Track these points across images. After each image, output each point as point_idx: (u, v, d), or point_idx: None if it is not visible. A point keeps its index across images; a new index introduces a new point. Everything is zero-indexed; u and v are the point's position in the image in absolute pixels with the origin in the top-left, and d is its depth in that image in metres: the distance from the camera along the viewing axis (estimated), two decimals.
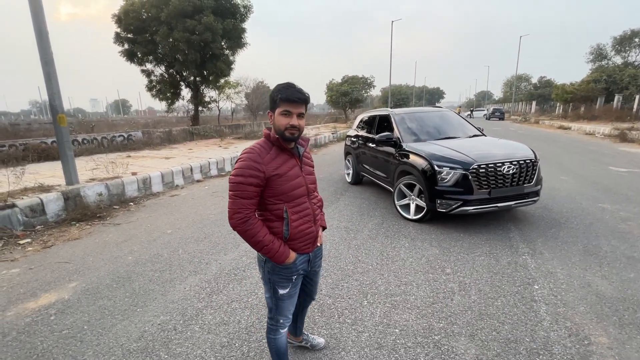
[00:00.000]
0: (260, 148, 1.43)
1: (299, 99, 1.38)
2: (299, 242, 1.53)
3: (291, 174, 1.46)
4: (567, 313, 2.37)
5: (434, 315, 2.39)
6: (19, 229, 4.51)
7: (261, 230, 1.41)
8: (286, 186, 1.44)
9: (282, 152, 1.47)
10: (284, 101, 1.38)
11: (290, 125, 1.39)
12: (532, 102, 44.96)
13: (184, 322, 2.43)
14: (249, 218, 1.38)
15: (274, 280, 1.54)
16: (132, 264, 3.44)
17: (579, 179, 6.64)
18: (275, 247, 1.43)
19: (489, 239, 3.76)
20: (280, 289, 1.55)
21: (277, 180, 1.41)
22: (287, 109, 1.39)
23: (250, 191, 1.37)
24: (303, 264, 1.59)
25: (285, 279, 1.54)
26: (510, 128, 22.38)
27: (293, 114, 1.39)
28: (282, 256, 1.45)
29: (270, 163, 1.40)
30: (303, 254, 1.57)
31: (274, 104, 1.42)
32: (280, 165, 1.43)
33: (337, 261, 3.33)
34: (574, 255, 3.28)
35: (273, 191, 1.43)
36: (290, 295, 1.58)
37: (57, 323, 2.48)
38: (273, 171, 1.40)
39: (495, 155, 4.00)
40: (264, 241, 1.41)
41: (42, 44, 5.14)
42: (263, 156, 1.40)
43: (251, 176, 1.36)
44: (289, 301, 1.59)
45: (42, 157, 8.27)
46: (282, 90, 1.39)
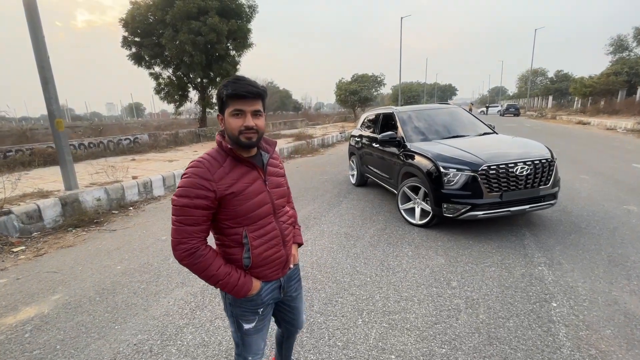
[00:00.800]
0: (210, 160, 1.15)
1: (250, 93, 1.10)
2: (265, 270, 1.27)
3: (251, 190, 1.18)
4: (591, 337, 2.06)
5: (436, 339, 2.12)
6: (14, 235, 4.45)
7: (214, 262, 1.15)
8: (244, 206, 1.17)
9: (239, 164, 1.18)
10: (232, 98, 1.10)
11: (244, 127, 1.12)
12: (549, 96, 43.46)
13: (161, 342, 2.24)
14: (197, 249, 1.13)
15: (236, 313, 1.29)
16: (120, 274, 3.29)
17: (601, 177, 6.18)
18: (232, 280, 1.17)
19: (501, 246, 3.45)
20: (245, 324, 1.29)
21: (233, 200, 1.14)
22: (238, 107, 1.11)
23: (197, 216, 1.11)
24: (272, 293, 1.32)
25: (249, 311, 1.28)
26: (525, 124, 21.60)
27: (246, 113, 1.12)
28: (242, 290, 1.20)
29: (222, 179, 1.13)
30: (271, 281, 1.31)
31: (222, 103, 1.14)
32: (236, 181, 1.15)
33: (333, 272, 3.09)
34: (597, 266, 2.94)
35: (228, 214, 1.16)
36: (257, 329, 1.32)
37: (30, 342, 2.33)
38: (226, 189, 1.13)
39: (507, 154, 3.67)
40: (217, 275, 1.15)
41: (38, 49, 5.09)
42: (213, 171, 1.12)
43: (198, 197, 1.10)
44: (257, 336, 1.33)
45: (48, 161, 8.32)
46: (228, 86, 1.11)
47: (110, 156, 9.96)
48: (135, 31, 14.03)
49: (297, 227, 1.52)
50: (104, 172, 6.67)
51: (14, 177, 5.27)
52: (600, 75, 28.25)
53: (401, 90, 38.18)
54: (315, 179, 7.28)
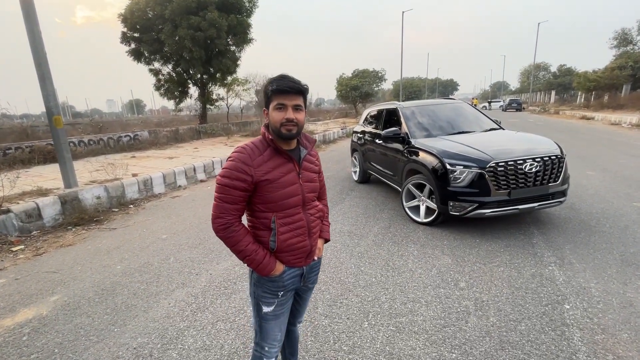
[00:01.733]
0: (252, 148, 1.27)
1: (292, 89, 1.22)
2: (289, 256, 1.34)
3: (284, 180, 1.28)
4: (607, 342, 1.98)
5: (445, 343, 2.04)
6: (13, 234, 4.39)
7: (244, 239, 1.27)
8: (276, 194, 1.26)
9: (278, 155, 1.29)
10: (276, 93, 1.22)
11: (285, 120, 1.22)
12: (552, 91, 43.12)
13: (162, 345, 2.18)
14: (231, 224, 1.25)
15: (258, 294, 1.37)
16: (120, 274, 3.23)
17: (608, 174, 6.08)
18: (258, 257, 1.28)
19: (509, 245, 3.36)
20: (264, 306, 1.36)
21: (267, 187, 1.25)
22: (281, 101, 1.22)
23: (235, 195, 1.23)
24: (293, 279, 1.39)
25: (270, 293, 1.36)
26: (528, 119, 21.42)
27: (288, 107, 1.22)
28: (267, 268, 1.29)
29: (260, 166, 1.24)
30: (294, 268, 1.38)
31: (267, 99, 1.26)
32: (272, 170, 1.26)
33: (337, 272, 3.01)
34: (609, 266, 2.86)
35: (261, 198, 1.27)
36: (275, 315, 1.38)
37: (27, 345, 2.27)
38: (263, 176, 1.24)
39: (515, 151, 3.58)
40: (246, 250, 1.27)
41: (34, 45, 4.99)
42: (254, 157, 1.25)
43: (238, 179, 1.22)
44: (274, 323, 1.39)
45: (48, 159, 8.25)
46: (273, 82, 1.23)
47: (110, 153, 9.89)
48: (134, 27, 13.88)
49: (327, 223, 1.57)
50: (103, 169, 6.60)
51: (13, 175, 5.19)
52: (605, 69, 27.94)
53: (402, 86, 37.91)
54: None
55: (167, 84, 15.83)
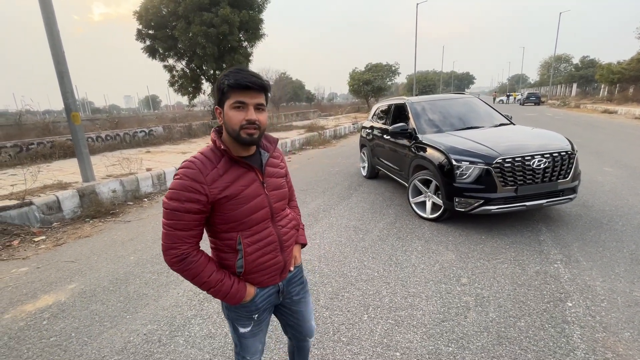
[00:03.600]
0: (203, 160, 1.07)
1: (254, 84, 1.02)
2: (260, 276, 1.20)
3: (247, 194, 1.10)
4: (608, 340, 1.97)
5: (443, 337, 2.07)
6: (36, 226, 4.64)
7: (205, 269, 1.09)
8: (239, 211, 1.10)
9: (235, 165, 1.10)
10: (234, 89, 1.02)
11: (246, 122, 1.03)
12: (573, 84, 41.51)
13: (170, 332, 2.29)
14: (187, 255, 1.07)
15: (232, 317, 1.25)
16: (133, 264, 3.38)
17: (627, 170, 5.87)
18: (224, 288, 1.12)
19: (515, 242, 3.33)
20: (240, 328, 1.25)
21: (227, 205, 1.08)
22: (240, 99, 1.03)
23: (188, 220, 1.05)
24: (269, 298, 1.26)
25: (244, 317, 1.23)
26: (546, 113, 20.75)
27: (249, 106, 1.04)
28: (235, 297, 1.14)
29: (216, 181, 1.06)
30: (267, 287, 1.24)
31: (222, 95, 1.06)
32: (230, 184, 1.08)
33: (340, 266, 3.07)
34: (618, 265, 2.80)
35: (222, 218, 1.10)
36: (253, 333, 1.27)
37: (47, 329, 2.42)
38: (220, 193, 1.06)
39: (523, 147, 3.52)
40: (209, 282, 1.10)
41: (53, 43, 5.19)
42: (206, 172, 1.05)
43: (189, 201, 1.03)
44: (253, 339, 1.29)
45: (68, 153, 8.59)
46: (229, 76, 1.02)
47: (126, 148, 10.20)
48: (149, 24, 14.15)
49: (301, 226, 1.44)
50: (119, 164, 6.84)
51: (35, 170, 5.46)
52: (630, 60, 26.66)
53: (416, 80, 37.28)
54: (326, 171, 7.23)
55: (181, 80, 16.09)
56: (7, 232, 4.34)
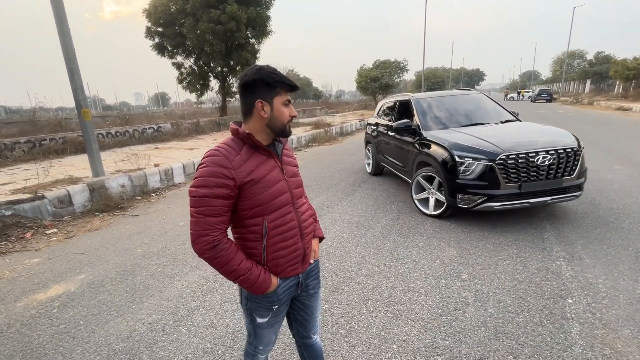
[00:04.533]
0: (227, 148, 1.12)
1: (297, 87, 1.17)
2: (283, 263, 1.23)
3: (270, 178, 1.16)
4: (607, 337, 1.96)
5: (440, 331, 2.09)
6: (48, 219, 4.78)
7: (236, 257, 1.12)
8: (264, 195, 1.14)
9: (256, 152, 1.16)
10: (285, 88, 1.14)
11: (291, 117, 1.18)
12: (587, 81, 40.52)
13: (173, 322, 2.36)
14: (219, 242, 1.09)
15: (251, 307, 1.28)
16: (140, 257, 3.47)
17: (638, 168, 5.75)
18: (253, 277, 1.15)
19: (518, 239, 3.31)
20: (258, 318, 1.28)
21: (253, 188, 1.12)
22: (288, 98, 1.16)
23: (218, 206, 1.08)
24: (289, 289, 1.29)
25: (264, 307, 1.26)
26: (558, 111, 20.34)
27: (290, 104, 1.19)
28: (262, 287, 1.17)
29: (242, 166, 1.10)
30: (289, 277, 1.27)
31: (272, 90, 1.13)
32: (255, 168, 1.13)
33: (341, 261, 3.10)
34: (622, 263, 2.77)
35: (248, 202, 1.13)
36: (270, 324, 1.31)
37: (57, 317, 2.52)
38: (246, 177, 1.10)
39: (528, 143, 3.48)
40: (239, 270, 1.12)
41: (64, 40, 5.30)
42: (232, 158, 1.10)
43: (218, 186, 1.06)
44: (269, 330, 1.33)
45: (79, 149, 8.78)
46: (276, 75, 1.12)
47: (135, 144, 10.37)
48: (158, 21, 14.32)
49: (317, 221, 1.47)
50: (128, 160, 6.97)
51: (47, 165, 5.61)
52: None
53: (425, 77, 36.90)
54: (332, 168, 7.25)
55: (189, 77, 16.27)
56: (21, 224, 4.48)
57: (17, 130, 11.94)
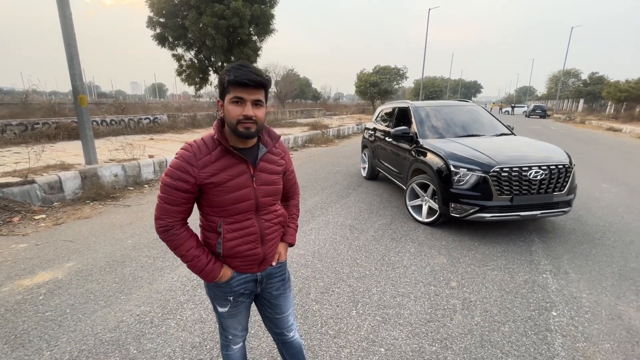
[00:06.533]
0: (200, 145, 1.15)
1: (253, 82, 1.06)
2: (237, 262, 1.26)
3: (233, 184, 1.15)
4: (588, 350, 2.01)
5: (428, 336, 2.13)
6: (37, 204, 4.70)
7: (185, 243, 1.18)
8: (223, 198, 1.16)
9: (228, 155, 1.16)
10: (234, 85, 1.07)
11: (243, 117, 1.08)
12: (580, 99, 41.39)
13: (162, 315, 2.35)
14: (171, 227, 1.17)
15: (211, 295, 1.33)
16: (130, 248, 3.43)
17: (625, 188, 5.90)
18: (200, 264, 1.20)
19: (507, 250, 3.38)
20: (218, 307, 1.33)
21: (212, 190, 1.15)
22: (238, 95, 1.07)
23: (176, 197, 1.14)
24: (245, 284, 1.30)
25: (221, 298, 1.30)
26: (551, 127, 20.72)
27: (247, 102, 1.08)
28: (210, 275, 1.22)
29: (206, 167, 1.13)
30: (245, 273, 1.29)
31: (223, 89, 1.11)
32: (218, 172, 1.14)
33: (333, 263, 3.12)
34: (605, 279, 2.85)
35: (208, 201, 1.18)
36: (231, 314, 1.34)
37: (43, 304, 2.48)
38: (207, 179, 1.13)
39: (522, 157, 3.56)
40: (187, 256, 1.19)
41: (65, 25, 5.23)
42: (199, 157, 1.13)
43: (179, 179, 1.12)
44: (233, 320, 1.36)
45: (72, 135, 8.65)
46: (230, 71, 1.07)
47: (130, 134, 10.25)
48: (161, 12, 14.16)
49: (293, 225, 1.46)
50: (122, 149, 6.89)
51: (39, 149, 5.51)
52: (638, 79, 26.60)
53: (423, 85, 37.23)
54: (327, 170, 7.28)
55: (188, 70, 16.09)
56: (9, 208, 4.40)
57: (9, 112, 11.67)
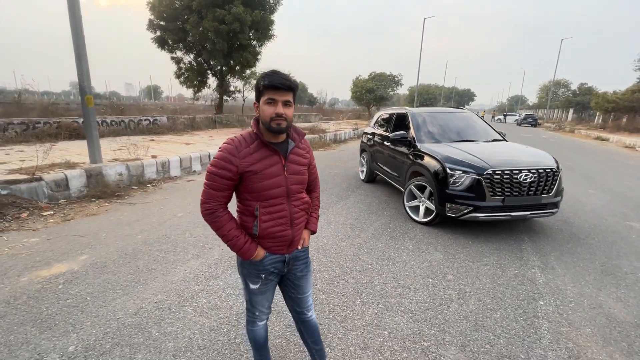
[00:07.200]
0: (240, 140, 1.36)
1: (283, 85, 1.28)
2: (270, 242, 1.45)
3: (268, 172, 1.36)
4: (571, 333, 2.23)
5: (427, 321, 2.32)
6: (43, 201, 4.80)
7: (227, 224, 1.37)
8: (260, 184, 1.36)
9: (263, 147, 1.37)
10: (267, 88, 1.29)
11: (275, 115, 1.30)
12: (570, 109, 42.47)
13: (179, 302, 2.50)
14: (215, 210, 1.36)
15: (244, 273, 1.51)
16: (140, 242, 3.57)
17: (610, 193, 6.22)
18: (239, 243, 1.38)
19: (499, 248, 3.60)
20: (251, 284, 1.51)
21: (251, 177, 1.34)
22: (271, 96, 1.29)
23: (221, 183, 1.34)
24: (275, 264, 1.49)
25: (253, 275, 1.49)
26: (541, 135, 21.29)
27: (278, 102, 1.30)
28: (247, 253, 1.40)
29: (246, 158, 1.33)
30: (276, 254, 1.48)
31: (259, 93, 1.33)
32: (257, 162, 1.34)
33: (337, 257, 3.30)
34: (589, 274, 3.08)
35: (246, 187, 1.37)
36: (261, 291, 1.53)
37: (63, 292, 2.61)
38: (247, 167, 1.33)
39: (512, 161, 3.81)
40: (228, 235, 1.38)
41: (75, 25, 5.37)
42: (240, 149, 1.34)
43: (224, 168, 1.32)
44: (262, 297, 1.54)
45: (73, 135, 8.73)
46: (265, 77, 1.29)
47: (130, 135, 10.34)
48: (161, 15, 14.36)
49: (315, 215, 1.64)
50: (125, 149, 7.01)
51: (44, 148, 5.61)
52: (625, 91, 27.47)
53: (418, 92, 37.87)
54: (325, 173, 7.47)
55: (187, 73, 16.29)
56: (17, 204, 4.50)
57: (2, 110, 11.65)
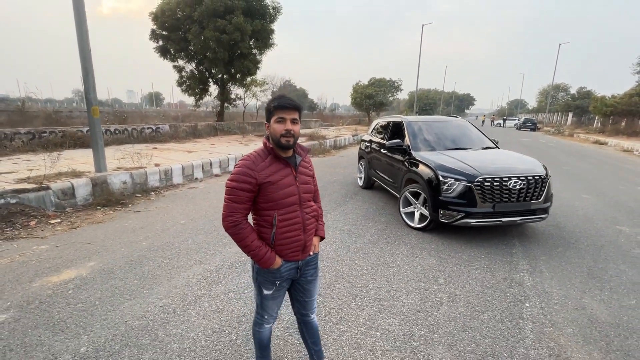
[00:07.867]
0: (256, 156, 1.52)
1: (290, 105, 1.48)
2: (286, 249, 1.58)
3: (283, 182, 1.52)
4: (553, 333, 2.36)
5: (417, 323, 2.45)
6: (51, 209, 4.96)
7: (250, 235, 1.50)
8: (277, 194, 1.50)
9: (277, 161, 1.53)
10: (277, 109, 1.47)
11: (285, 131, 1.46)
12: (569, 113, 42.67)
13: (183, 306, 2.64)
14: (239, 222, 1.48)
15: (259, 280, 1.64)
16: (145, 249, 3.72)
17: (603, 198, 6.34)
18: (261, 252, 1.51)
19: (490, 253, 3.74)
20: (264, 290, 1.64)
21: (269, 188, 1.49)
22: (281, 115, 1.47)
23: (242, 196, 1.47)
24: (290, 271, 1.63)
25: (269, 282, 1.62)
26: (540, 140, 21.43)
27: (287, 120, 1.47)
28: (268, 262, 1.53)
29: (263, 170, 1.48)
30: (291, 261, 1.62)
31: (269, 114, 1.51)
32: (273, 173, 1.50)
33: (333, 263, 3.44)
34: (575, 277, 3.21)
35: (264, 197, 1.51)
36: (274, 297, 1.66)
37: (73, 297, 2.76)
38: (265, 178, 1.48)
39: (503, 169, 3.95)
40: (251, 246, 1.50)
41: (81, 40, 5.59)
42: (257, 163, 1.49)
43: (244, 182, 1.46)
44: (273, 302, 1.68)
45: (78, 144, 8.92)
46: (275, 100, 1.50)
47: (133, 143, 10.53)
48: (164, 25, 14.67)
49: (321, 222, 1.79)
50: (129, 157, 7.19)
51: (52, 157, 5.79)
52: (624, 95, 27.65)
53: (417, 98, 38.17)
54: (325, 179, 7.63)
55: (189, 81, 16.56)
56: (25, 213, 4.66)
57: (6, 119, 11.85)
